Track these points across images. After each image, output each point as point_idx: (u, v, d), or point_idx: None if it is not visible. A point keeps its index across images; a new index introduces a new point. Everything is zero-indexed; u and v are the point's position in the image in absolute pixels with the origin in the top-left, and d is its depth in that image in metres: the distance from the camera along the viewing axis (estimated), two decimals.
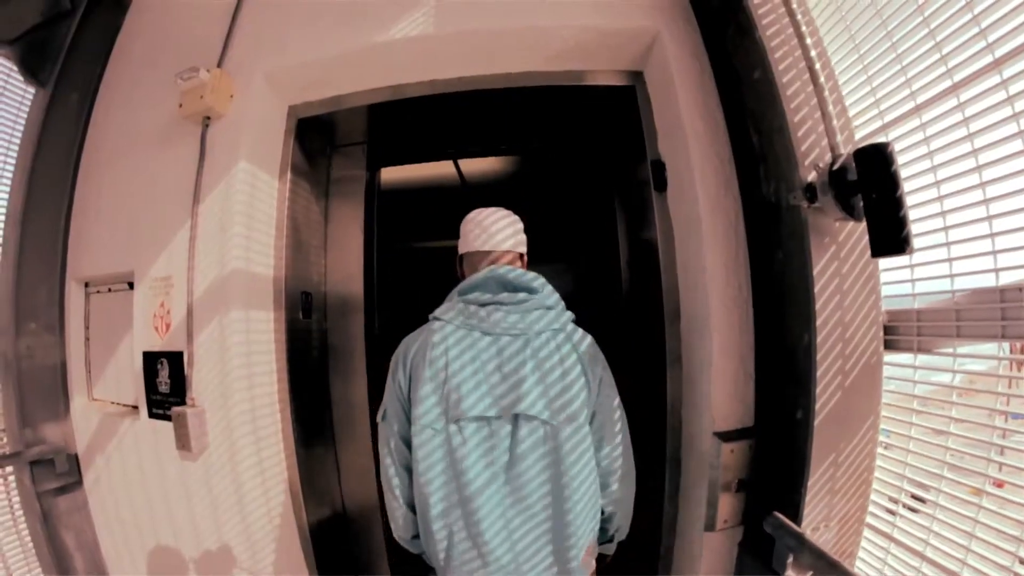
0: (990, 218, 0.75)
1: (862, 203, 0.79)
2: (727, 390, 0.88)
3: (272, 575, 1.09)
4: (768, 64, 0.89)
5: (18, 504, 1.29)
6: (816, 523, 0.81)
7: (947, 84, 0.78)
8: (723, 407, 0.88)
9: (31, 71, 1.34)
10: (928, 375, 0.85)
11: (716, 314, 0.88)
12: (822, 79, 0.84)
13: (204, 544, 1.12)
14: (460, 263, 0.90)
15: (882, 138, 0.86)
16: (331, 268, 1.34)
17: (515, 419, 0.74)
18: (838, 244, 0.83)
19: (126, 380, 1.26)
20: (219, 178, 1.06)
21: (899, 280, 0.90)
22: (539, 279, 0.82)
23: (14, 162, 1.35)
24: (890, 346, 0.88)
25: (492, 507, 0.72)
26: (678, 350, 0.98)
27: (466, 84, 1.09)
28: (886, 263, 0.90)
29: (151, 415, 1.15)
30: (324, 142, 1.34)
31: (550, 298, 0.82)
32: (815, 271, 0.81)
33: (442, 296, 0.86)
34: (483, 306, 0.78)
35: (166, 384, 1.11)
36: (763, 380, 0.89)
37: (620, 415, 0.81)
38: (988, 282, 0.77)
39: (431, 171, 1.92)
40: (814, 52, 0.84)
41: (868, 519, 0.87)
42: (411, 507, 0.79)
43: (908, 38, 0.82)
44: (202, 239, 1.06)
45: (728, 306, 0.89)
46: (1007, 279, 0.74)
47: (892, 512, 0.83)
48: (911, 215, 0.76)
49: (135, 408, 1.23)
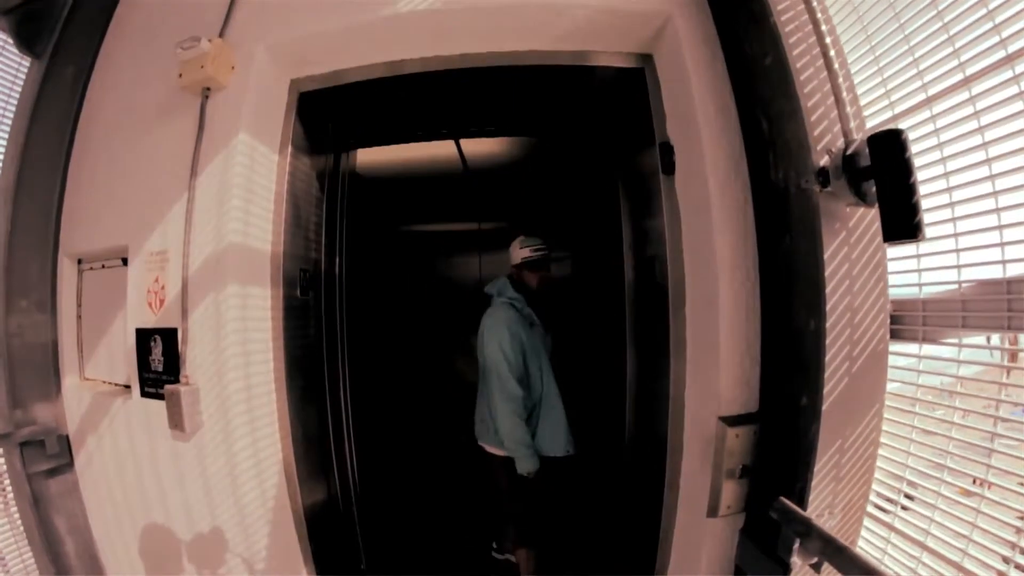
0: (998, 210, 0.74)
1: (874, 189, 0.78)
2: (733, 374, 0.87)
3: (266, 559, 1.07)
4: (782, 50, 0.87)
5: (8, 487, 1.25)
6: (820, 510, 0.80)
7: (959, 77, 0.77)
8: (729, 391, 0.87)
9: (26, 42, 1.30)
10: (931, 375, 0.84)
11: (724, 298, 0.87)
12: (836, 66, 0.83)
13: (197, 527, 1.10)
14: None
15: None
16: (329, 246, 1.31)
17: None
18: (848, 230, 0.82)
19: (119, 358, 1.23)
20: (218, 150, 1.03)
21: (905, 270, 0.89)
22: (493, 283, 1.56)
23: (6, 135, 1.31)
24: (896, 335, 0.87)
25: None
26: (683, 335, 0.97)
27: (471, 61, 1.07)
28: (893, 253, 0.89)
29: (143, 394, 1.12)
30: (326, 117, 1.31)
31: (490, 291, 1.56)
32: (826, 255, 0.80)
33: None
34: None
35: (159, 362, 1.09)
36: (768, 366, 0.88)
37: (492, 367, 1.40)
38: (995, 274, 0.77)
39: (431, 151, 1.88)
40: (828, 39, 0.83)
41: (869, 508, 0.86)
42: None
43: (921, 31, 0.81)
44: (199, 212, 1.03)
45: (736, 290, 0.87)
46: (1014, 271, 0.73)
47: (892, 501, 0.83)
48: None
49: (127, 387, 1.20)
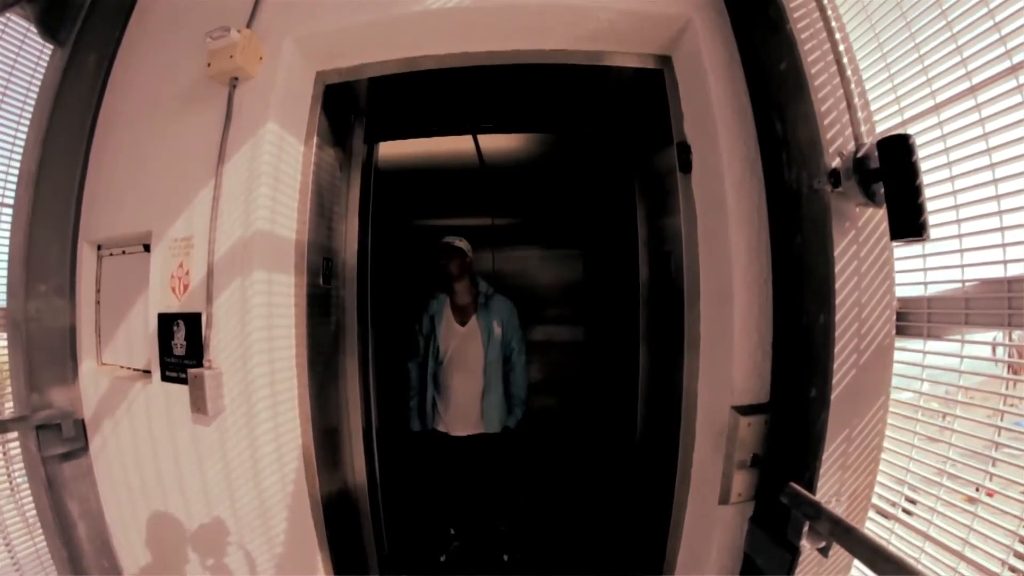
0: (1001, 213, 0.78)
1: (883, 190, 0.81)
2: (746, 366, 0.90)
3: (284, 544, 1.09)
4: (797, 56, 0.91)
5: (17, 471, 1.26)
6: (828, 497, 0.84)
7: (966, 85, 0.80)
8: (741, 382, 0.90)
9: (49, 30, 1.31)
10: (934, 374, 0.88)
11: (738, 292, 0.90)
12: (848, 72, 0.87)
13: (215, 511, 1.11)
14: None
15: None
16: (351, 236, 1.34)
17: None
18: (858, 229, 0.86)
19: (138, 344, 1.25)
20: (245, 139, 1.06)
21: (911, 269, 0.93)
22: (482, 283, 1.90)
23: (28, 122, 1.32)
24: (901, 332, 0.91)
25: None
26: (697, 328, 1.00)
27: (495, 59, 1.10)
28: (899, 252, 0.93)
29: (164, 378, 1.14)
30: (349, 110, 1.34)
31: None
32: (836, 253, 0.83)
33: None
34: None
35: (182, 346, 1.10)
36: (779, 358, 0.92)
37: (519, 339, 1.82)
38: (997, 273, 0.80)
39: (449, 146, 1.91)
40: (841, 47, 0.87)
41: (874, 500, 0.90)
42: None
43: (930, 40, 0.85)
44: (226, 199, 1.05)
45: (750, 285, 0.91)
46: (1015, 271, 0.77)
47: (895, 504, 0.86)
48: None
49: (146, 372, 1.22)
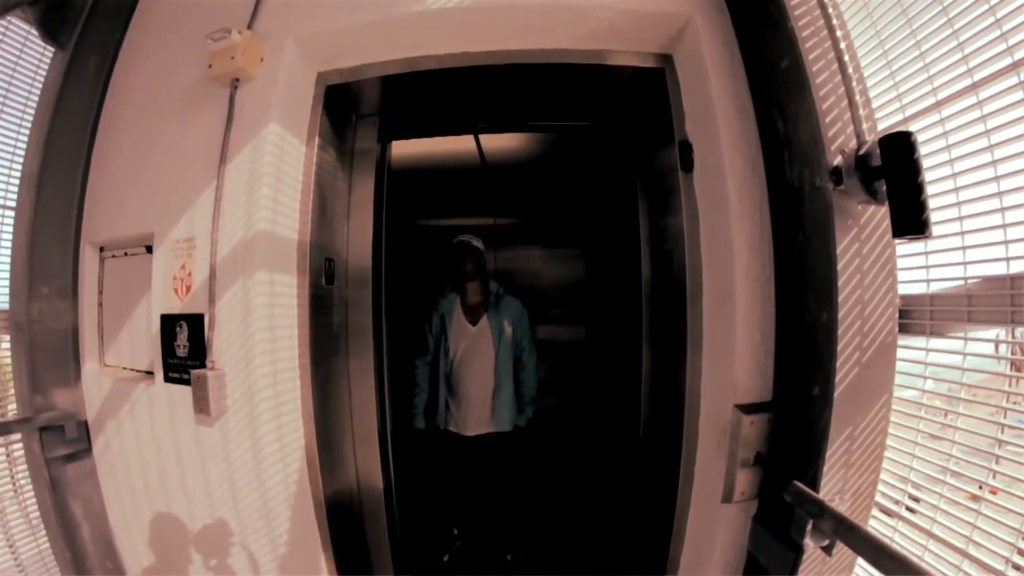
0: (1003, 210, 0.78)
1: (885, 187, 0.81)
2: (748, 365, 0.91)
3: (287, 544, 1.09)
4: (798, 54, 0.91)
5: (20, 473, 1.26)
6: (831, 495, 0.84)
7: (967, 82, 0.81)
8: (744, 381, 0.91)
9: (50, 33, 1.32)
10: (937, 371, 0.88)
11: (741, 290, 0.90)
12: (849, 70, 0.87)
13: (218, 511, 1.12)
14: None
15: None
16: (353, 237, 1.34)
17: None
18: (860, 226, 0.86)
19: (140, 345, 1.25)
20: (247, 140, 1.06)
21: (913, 267, 0.93)
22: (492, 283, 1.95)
23: (30, 124, 1.32)
24: (904, 329, 0.91)
25: None
26: (700, 327, 1.01)
27: (496, 59, 1.10)
28: (901, 250, 0.93)
29: (167, 379, 1.14)
30: (350, 110, 1.34)
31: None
32: (838, 250, 0.83)
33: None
34: None
35: (184, 347, 1.11)
36: (782, 356, 0.92)
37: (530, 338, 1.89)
38: (999, 270, 0.80)
39: (450, 146, 1.91)
40: (843, 44, 0.87)
41: (878, 498, 0.90)
42: None
43: (931, 37, 0.85)
44: (228, 200, 1.05)
45: (752, 283, 0.91)
46: (1017, 268, 0.77)
47: (898, 502, 0.87)
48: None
49: (149, 374, 1.22)
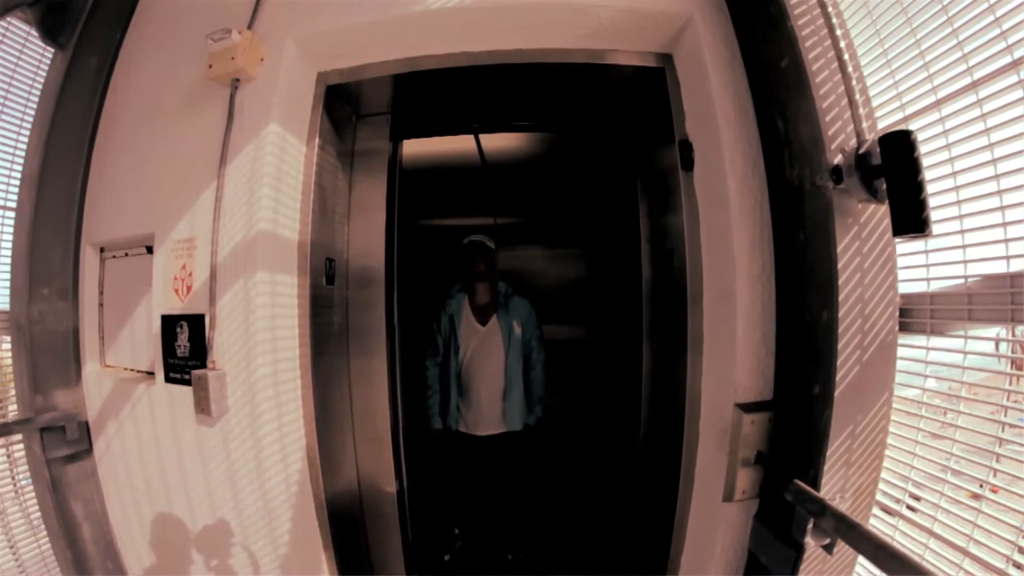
0: (1003, 208, 0.78)
1: (885, 186, 0.82)
2: (749, 364, 0.91)
3: (288, 544, 1.10)
4: (798, 53, 0.91)
5: (20, 474, 1.27)
6: (832, 494, 0.84)
7: (967, 81, 0.81)
8: (745, 380, 0.91)
9: (50, 34, 1.32)
10: (938, 370, 0.89)
11: (742, 290, 0.91)
12: (849, 69, 0.87)
13: (219, 511, 1.12)
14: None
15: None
16: (354, 237, 1.35)
17: None
18: (860, 225, 0.87)
19: (141, 346, 1.26)
20: (248, 140, 1.07)
21: (914, 265, 0.93)
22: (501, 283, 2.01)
23: (30, 125, 1.33)
24: (904, 328, 0.91)
25: None
26: (700, 326, 1.01)
27: (497, 58, 1.11)
28: (901, 249, 0.93)
29: (168, 379, 1.14)
30: (350, 111, 1.35)
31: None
32: (838, 249, 0.84)
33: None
34: None
35: (185, 348, 1.11)
36: (782, 356, 0.92)
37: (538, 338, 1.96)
38: (999, 269, 0.81)
39: (450, 145, 1.92)
40: (843, 43, 0.87)
41: (878, 496, 0.90)
42: None
43: (931, 36, 0.85)
44: (228, 200, 1.06)
45: (753, 282, 0.92)
46: (1017, 266, 0.77)
47: (898, 500, 0.87)
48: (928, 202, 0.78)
49: (150, 374, 1.23)
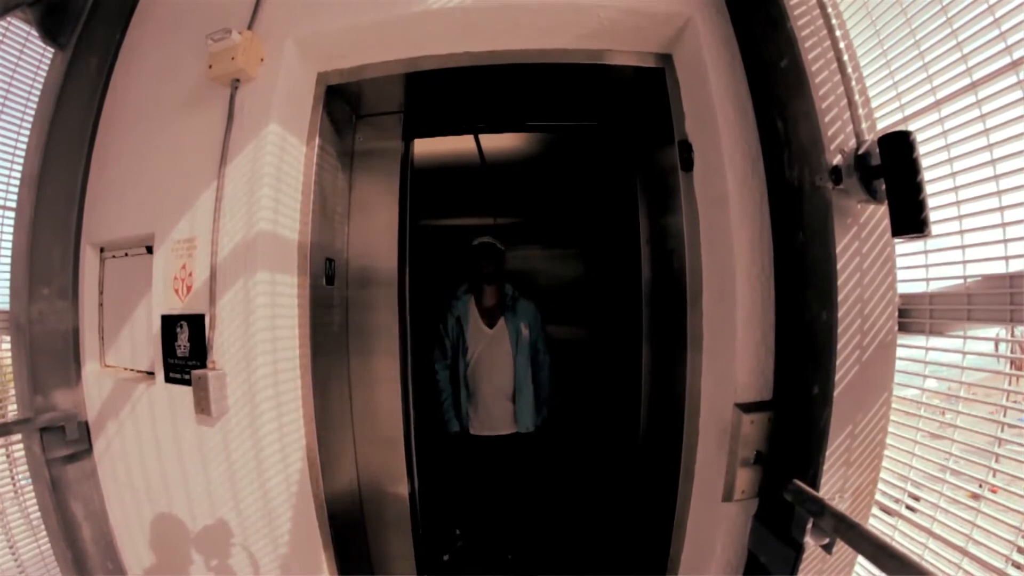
0: (1002, 209, 0.79)
1: (884, 186, 0.82)
2: (748, 364, 0.92)
3: (288, 544, 1.10)
4: (798, 53, 0.92)
5: (20, 474, 1.27)
6: (831, 494, 0.85)
7: (967, 82, 0.81)
8: (744, 379, 0.91)
9: (50, 34, 1.33)
10: (937, 370, 0.89)
11: (741, 289, 0.91)
12: (849, 70, 0.88)
13: (219, 511, 1.13)
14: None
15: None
16: (354, 237, 1.35)
17: None
18: (859, 225, 0.87)
19: (141, 346, 1.26)
20: (248, 140, 1.07)
21: (913, 266, 0.94)
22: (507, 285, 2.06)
23: (31, 124, 1.33)
24: (904, 328, 0.92)
25: None
26: (700, 326, 1.02)
27: (497, 58, 1.11)
28: (901, 249, 0.94)
29: (167, 379, 1.15)
30: (350, 111, 1.35)
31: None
32: (838, 249, 0.84)
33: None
34: None
35: (185, 348, 1.12)
36: (781, 356, 0.93)
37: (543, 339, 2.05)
38: (998, 269, 0.81)
39: (450, 145, 1.92)
40: (842, 44, 0.88)
41: (877, 496, 0.91)
42: None
43: (931, 36, 0.85)
44: (228, 200, 1.06)
45: (752, 283, 0.92)
46: (1016, 267, 0.78)
47: (897, 500, 0.87)
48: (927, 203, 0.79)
49: (150, 374, 1.23)
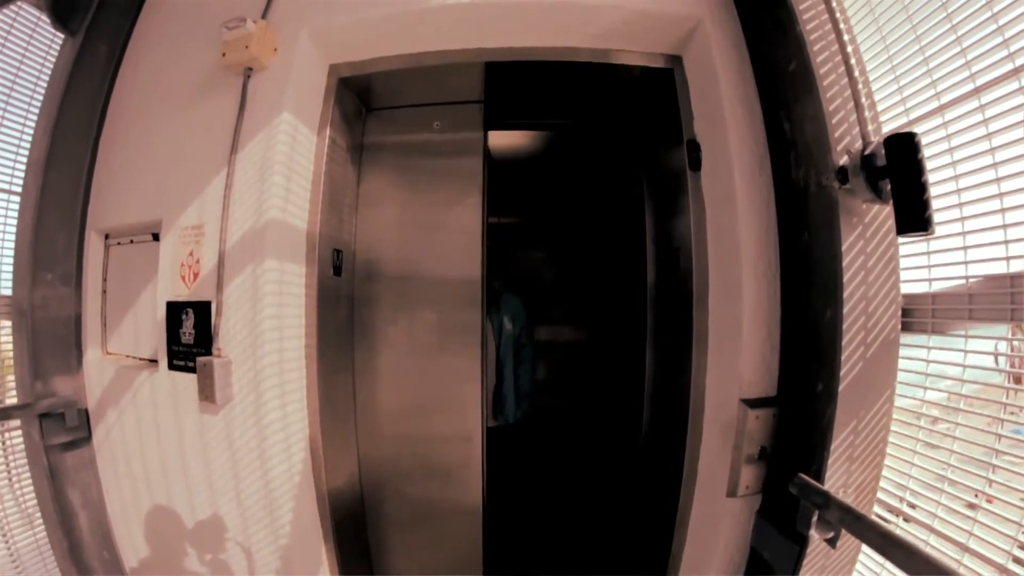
0: (1003, 211, 0.81)
1: (889, 186, 0.84)
2: (754, 361, 0.93)
3: (289, 535, 1.10)
4: (806, 57, 0.94)
5: (15, 461, 1.26)
6: (835, 489, 0.86)
7: (970, 87, 0.84)
8: (750, 376, 0.93)
9: (61, 20, 1.33)
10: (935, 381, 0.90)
11: (748, 287, 0.93)
12: (856, 73, 0.90)
13: (219, 500, 1.12)
14: None
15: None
16: (361, 230, 1.36)
17: None
18: (864, 224, 0.89)
19: (144, 333, 1.26)
20: (260, 128, 1.09)
21: (916, 266, 0.95)
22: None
23: (38, 109, 1.34)
24: (906, 328, 0.94)
25: None
26: (705, 323, 1.03)
27: (509, 55, 1.13)
28: (904, 250, 0.96)
29: (171, 367, 1.15)
30: (360, 104, 1.37)
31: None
32: (843, 248, 0.86)
33: None
34: None
35: (190, 335, 1.12)
36: (786, 353, 0.94)
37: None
38: (999, 269, 0.83)
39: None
40: (850, 48, 0.91)
41: (879, 494, 0.92)
42: None
43: (936, 43, 0.88)
44: (239, 188, 1.07)
45: (758, 280, 0.94)
46: (1017, 267, 0.80)
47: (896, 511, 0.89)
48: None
49: (152, 362, 1.23)
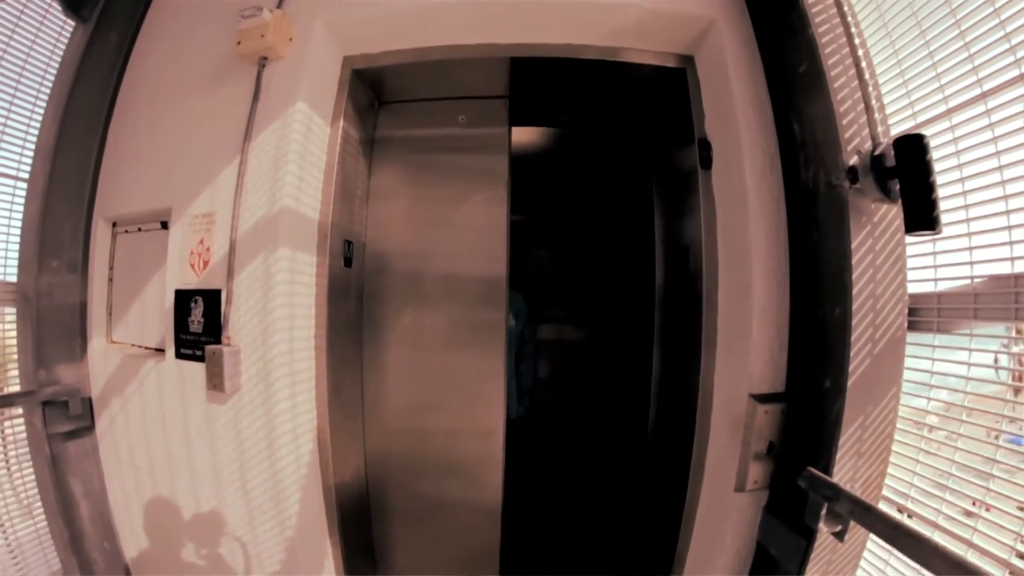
0: (1008, 212, 0.83)
1: (898, 186, 0.86)
2: (763, 357, 0.94)
3: (295, 528, 1.10)
4: (818, 59, 0.96)
5: (16, 449, 1.25)
6: (843, 483, 0.87)
7: (977, 92, 0.86)
8: (759, 372, 0.94)
9: (72, 6, 1.34)
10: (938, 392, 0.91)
11: (758, 283, 0.94)
12: (866, 75, 0.92)
13: (225, 491, 1.13)
14: None
15: None
16: (372, 223, 1.37)
17: None
18: (873, 224, 0.91)
19: (151, 322, 1.26)
20: (274, 117, 1.09)
21: (922, 266, 0.97)
22: None
23: (47, 96, 1.33)
24: (912, 327, 0.96)
25: None
26: (715, 320, 1.05)
27: (523, 51, 1.15)
28: (911, 251, 0.98)
29: (179, 355, 1.15)
30: (373, 97, 1.38)
31: None
32: (852, 246, 0.88)
33: None
34: None
35: (199, 323, 1.12)
36: (795, 349, 0.96)
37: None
38: (1004, 269, 0.85)
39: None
40: (860, 51, 0.93)
41: (884, 491, 0.93)
42: None
43: (943, 48, 0.90)
44: (251, 176, 1.08)
45: (769, 277, 0.95)
46: (1022, 267, 0.81)
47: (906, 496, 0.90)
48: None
49: (158, 351, 1.23)
